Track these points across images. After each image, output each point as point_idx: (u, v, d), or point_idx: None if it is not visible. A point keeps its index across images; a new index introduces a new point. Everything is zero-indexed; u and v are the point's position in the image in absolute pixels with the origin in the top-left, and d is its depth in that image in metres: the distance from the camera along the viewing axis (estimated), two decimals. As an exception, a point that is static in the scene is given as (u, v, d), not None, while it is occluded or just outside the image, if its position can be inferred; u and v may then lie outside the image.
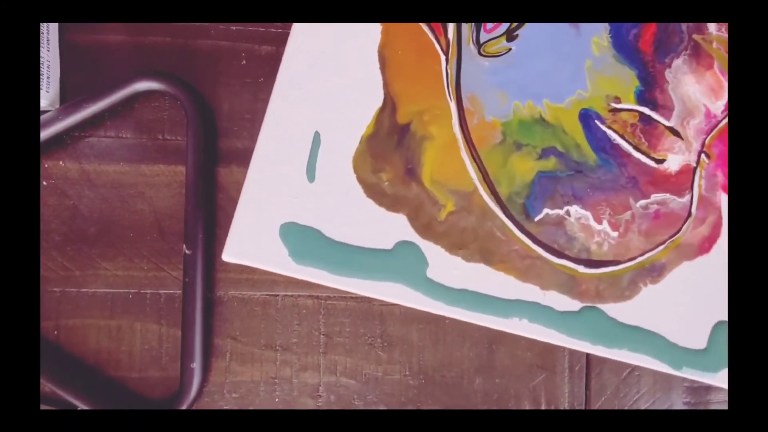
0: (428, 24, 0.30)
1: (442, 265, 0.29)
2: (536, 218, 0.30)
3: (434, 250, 0.29)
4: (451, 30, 0.30)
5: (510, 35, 0.30)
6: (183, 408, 0.29)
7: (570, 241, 0.30)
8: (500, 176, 0.30)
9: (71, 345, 0.29)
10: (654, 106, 0.31)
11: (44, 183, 0.29)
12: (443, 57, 0.30)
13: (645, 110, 0.31)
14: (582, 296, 0.30)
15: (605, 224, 0.30)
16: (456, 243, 0.29)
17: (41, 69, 0.28)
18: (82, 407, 0.28)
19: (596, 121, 0.31)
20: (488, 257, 0.30)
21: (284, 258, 0.28)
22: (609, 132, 0.31)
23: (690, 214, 0.31)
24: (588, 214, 0.30)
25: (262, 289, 0.31)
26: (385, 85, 0.30)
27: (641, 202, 0.31)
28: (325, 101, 0.29)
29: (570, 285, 0.30)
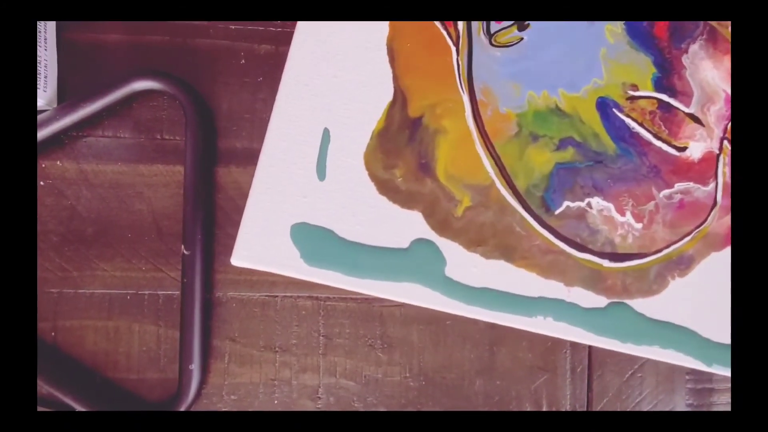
0: (437, 16, 0.29)
1: (461, 263, 0.28)
2: (556, 211, 0.29)
3: (452, 248, 0.28)
4: (461, 21, 0.29)
5: (521, 25, 0.30)
6: (181, 410, 0.28)
7: (593, 235, 0.29)
8: (517, 169, 0.29)
9: (69, 346, 0.29)
10: (673, 93, 0.30)
11: (41, 183, 0.29)
12: (453, 48, 0.29)
13: (663, 97, 0.30)
14: (608, 292, 0.29)
15: (628, 216, 0.29)
16: (474, 239, 0.28)
17: (38, 68, 0.27)
18: (80, 409, 0.27)
19: (614, 110, 0.30)
20: (508, 253, 0.28)
21: (296, 260, 0.27)
22: (627, 120, 0.30)
23: (716, 203, 0.30)
24: (610, 206, 0.29)
25: (261, 290, 0.30)
26: (395, 79, 0.29)
27: (664, 192, 0.29)
28: (334, 97, 0.28)
29: (595, 280, 0.29)
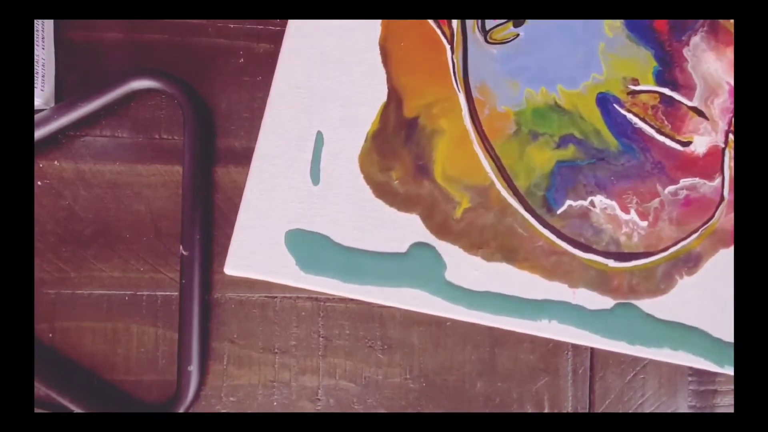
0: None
1: (462, 267, 0.27)
2: (559, 211, 0.28)
3: (452, 251, 0.27)
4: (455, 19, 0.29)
5: (517, 21, 0.29)
6: (180, 412, 0.28)
7: (597, 234, 0.28)
8: (517, 168, 0.28)
9: (66, 348, 0.29)
10: (675, 87, 0.29)
11: (39, 183, 0.29)
12: (448, 47, 0.28)
13: (666, 91, 0.29)
14: (614, 292, 0.28)
15: (633, 214, 0.28)
16: (475, 242, 0.27)
17: (36, 67, 0.27)
18: (77, 411, 0.27)
19: (615, 105, 0.29)
20: (510, 256, 0.28)
21: (291, 268, 0.27)
22: (629, 116, 0.29)
23: (723, 198, 0.29)
24: (614, 204, 0.28)
25: (260, 291, 0.30)
26: (389, 80, 0.28)
27: (669, 188, 0.29)
28: (327, 99, 0.28)
29: (601, 281, 0.28)
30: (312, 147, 0.27)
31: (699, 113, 0.29)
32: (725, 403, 0.31)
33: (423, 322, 0.30)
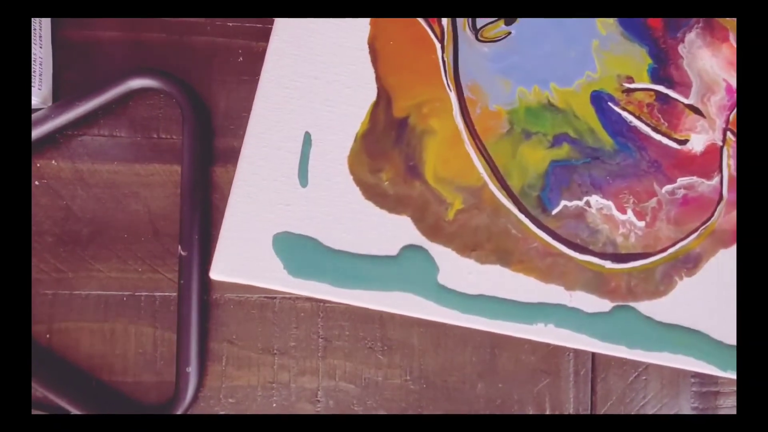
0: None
1: (455, 270, 0.27)
2: (554, 212, 0.27)
3: (444, 254, 0.27)
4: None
5: (508, 19, 0.28)
6: (178, 413, 0.28)
7: (593, 235, 0.27)
8: (511, 168, 0.27)
9: (64, 349, 0.29)
10: (670, 84, 0.29)
11: (36, 183, 0.29)
12: (438, 45, 0.28)
13: (661, 88, 0.29)
14: (612, 295, 0.27)
15: (630, 214, 0.28)
16: (468, 244, 0.27)
17: (33, 66, 0.27)
18: (75, 412, 0.27)
19: (609, 103, 0.28)
20: (505, 258, 0.27)
21: (279, 272, 0.26)
22: (624, 114, 0.28)
23: (722, 197, 0.28)
24: (610, 204, 0.28)
25: (259, 292, 0.29)
26: (378, 79, 0.27)
27: (667, 188, 0.28)
28: (314, 99, 0.27)
29: (598, 283, 0.27)
30: (300, 148, 0.27)
31: (695, 111, 0.29)
32: (728, 405, 0.31)
33: (423, 323, 0.30)
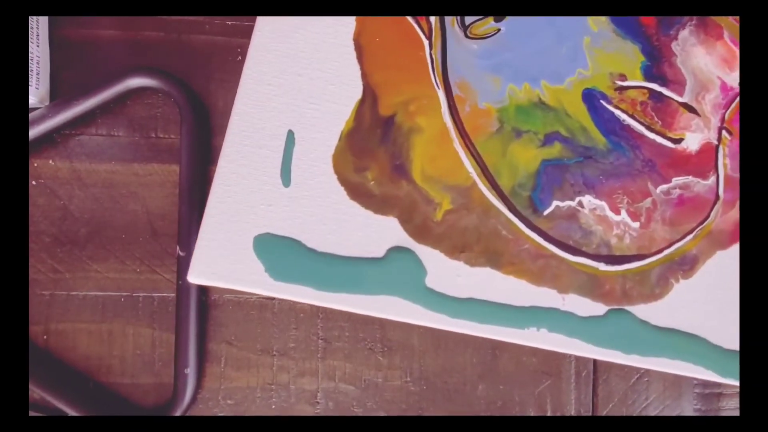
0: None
1: (443, 272, 0.26)
2: (545, 212, 0.27)
3: (432, 256, 0.26)
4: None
5: (497, 16, 0.28)
6: (176, 415, 0.28)
7: (586, 236, 0.27)
8: (501, 167, 0.27)
9: (61, 350, 0.28)
10: (664, 82, 0.28)
11: (33, 183, 0.29)
12: (426, 42, 0.27)
13: (654, 86, 0.28)
14: (606, 298, 0.26)
15: (624, 214, 0.27)
16: (457, 245, 0.26)
17: (30, 65, 0.27)
18: (72, 414, 0.27)
19: (602, 101, 0.28)
20: (495, 260, 0.26)
21: (260, 275, 0.25)
22: (617, 112, 0.28)
23: (718, 197, 0.27)
24: (603, 204, 0.27)
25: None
26: (364, 76, 0.27)
27: (662, 188, 0.27)
28: (298, 96, 0.26)
29: (591, 286, 0.26)
30: (282, 146, 0.26)
31: (690, 109, 0.28)
32: (731, 407, 0.30)
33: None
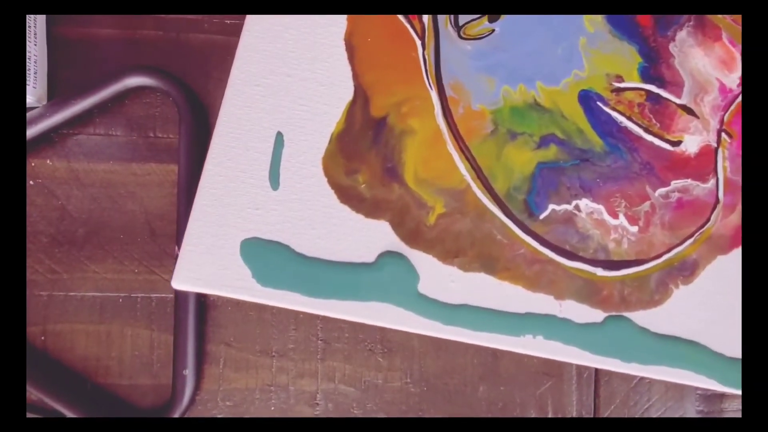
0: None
1: (436, 278, 0.25)
2: (541, 216, 0.26)
3: (425, 261, 0.25)
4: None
5: (492, 15, 0.27)
6: (175, 416, 0.28)
7: (583, 241, 0.26)
8: (495, 170, 0.26)
9: (58, 351, 0.28)
10: (662, 84, 0.27)
11: (31, 182, 0.28)
12: (419, 42, 0.27)
13: (652, 88, 0.27)
14: (604, 304, 0.26)
15: (622, 218, 0.26)
16: (450, 250, 0.25)
17: (28, 64, 0.26)
18: (70, 416, 0.27)
19: (598, 103, 0.27)
20: (490, 265, 0.25)
21: (247, 281, 0.24)
22: (614, 114, 0.27)
23: (718, 201, 0.27)
24: (601, 208, 0.26)
25: None
26: (355, 77, 0.26)
27: (660, 191, 0.27)
28: (287, 98, 0.26)
29: (589, 292, 0.26)
30: (271, 148, 0.25)
31: (688, 111, 0.27)
32: (733, 408, 0.30)
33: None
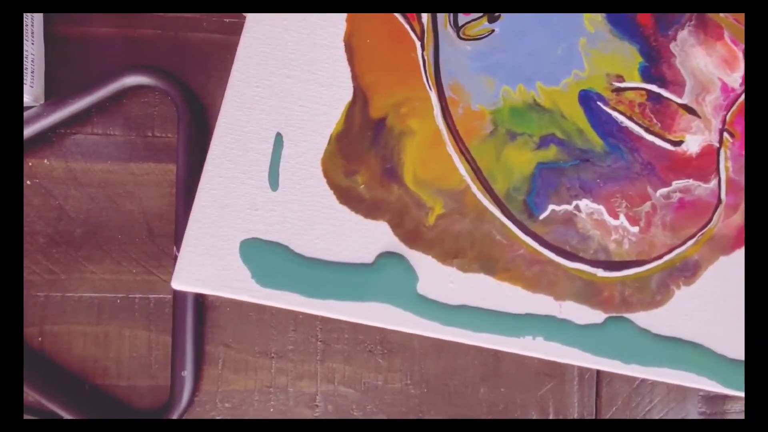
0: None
1: (435, 279, 0.25)
2: (541, 216, 0.26)
3: (424, 261, 0.25)
4: (425, 14, 0.27)
5: (491, 16, 0.27)
6: (173, 418, 0.27)
7: (584, 241, 0.26)
8: (495, 171, 0.26)
9: (56, 352, 0.28)
10: (663, 83, 0.27)
11: (28, 182, 0.28)
12: (418, 43, 0.27)
13: (653, 88, 0.27)
14: (605, 305, 0.25)
15: (622, 219, 0.26)
16: (450, 251, 0.25)
17: (25, 63, 0.26)
18: (67, 417, 0.27)
19: (599, 103, 0.27)
20: (489, 266, 0.25)
21: (247, 282, 0.24)
22: (614, 114, 0.27)
23: (720, 201, 0.27)
24: (601, 209, 0.26)
25: None
26: (354, 78, 0.26)
27: (661, 191, 0.26)
28: (287, 99, 0.26)
29: (589, 293, 0.25)
30: (270, 149, 0.25)
31: (690, 111, 0.27)
32: (736, 410, 0.30)
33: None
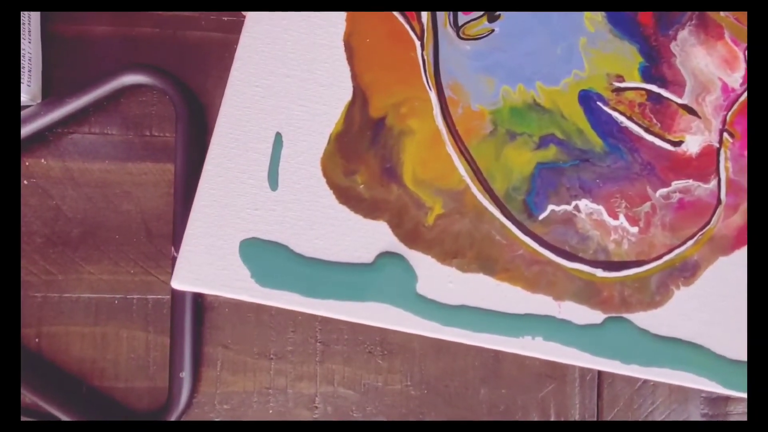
0: (399, 9, 0.27)
1: (435, 279, 0.25)
2: (540, 216, 0.26)
3: (424, 261, 0.25)
4: (425, 13, 0.27)
5: (491, 16, 0.27)
6: (171, 420, 0.27)
7: (583, 241, 0.26)
8: (494, 171, 0.26)
9: (53, 353, 0.28)
10: (663, 83, 0.27)
11: (25, 182, 0.28)
12: (418, 43, 0.27)
13: (653, 88, 0.27)
14: (604, 305, 0.25)
15: (622, 219, 0.26)
16: (449, 251, 0.25)
17: (22, 61, 0.26)
18: (65, 419, 0.26)
19: (599, 103, 0.27)
20: (488, 266, 0.25)
21: (246, 281, 0.24)
22: (614, 114, 0.27)
23: (720, 202, 0.27)
24: (601, 209, 0.26)
25: None
26: (354, 77, 0.26)
27: (661, 191, 0.26)
28: (286, 98, 0.26)
29: (589, 293, 0.25)
30: (270, 149, 0.25)
31: (690, 111, 0.27)
32: (738, 411, 0.30)
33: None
